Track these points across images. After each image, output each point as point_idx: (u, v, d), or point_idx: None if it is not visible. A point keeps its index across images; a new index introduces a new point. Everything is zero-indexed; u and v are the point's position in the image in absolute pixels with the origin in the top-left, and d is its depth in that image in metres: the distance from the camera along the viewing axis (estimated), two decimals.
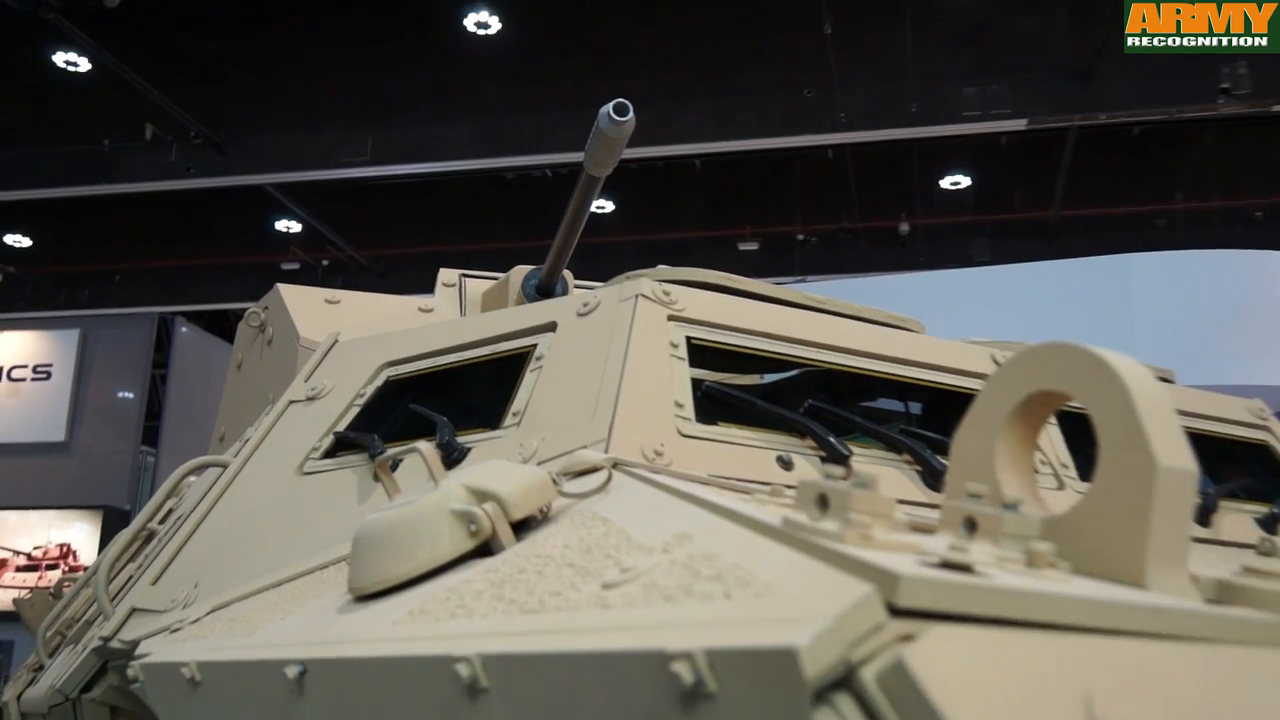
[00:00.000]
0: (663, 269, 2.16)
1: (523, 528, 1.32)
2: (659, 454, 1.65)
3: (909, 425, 2.15)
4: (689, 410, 1.78)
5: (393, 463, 1.84)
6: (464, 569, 1.25)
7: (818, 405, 1.97)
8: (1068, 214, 13.63)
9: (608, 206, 14.20)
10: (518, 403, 1.87)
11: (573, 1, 11.13)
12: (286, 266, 15.27)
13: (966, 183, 13.77)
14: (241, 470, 2.19)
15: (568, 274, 3.04)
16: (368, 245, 15.34)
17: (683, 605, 0.81)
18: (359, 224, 14.84)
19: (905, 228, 14.25)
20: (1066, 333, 0.97)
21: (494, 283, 3.24)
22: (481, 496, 1.30)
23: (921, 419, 2.33)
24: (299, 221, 14.64)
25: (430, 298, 3.49)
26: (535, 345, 1.98)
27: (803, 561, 0.79)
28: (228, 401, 3.72)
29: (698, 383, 1.86)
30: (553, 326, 1.99)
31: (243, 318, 3.49)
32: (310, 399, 2.25)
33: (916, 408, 2.38)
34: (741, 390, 1.95)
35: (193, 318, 12.59)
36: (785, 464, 1.79)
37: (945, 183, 13.76)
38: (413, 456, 1.74)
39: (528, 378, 1.92)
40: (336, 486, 1.97)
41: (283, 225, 14.96)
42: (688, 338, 1.90)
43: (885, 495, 0.84)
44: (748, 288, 2.21)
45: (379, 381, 2.19)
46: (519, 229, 12.05)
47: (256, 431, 2.30)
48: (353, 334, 2.43)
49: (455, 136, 11.93)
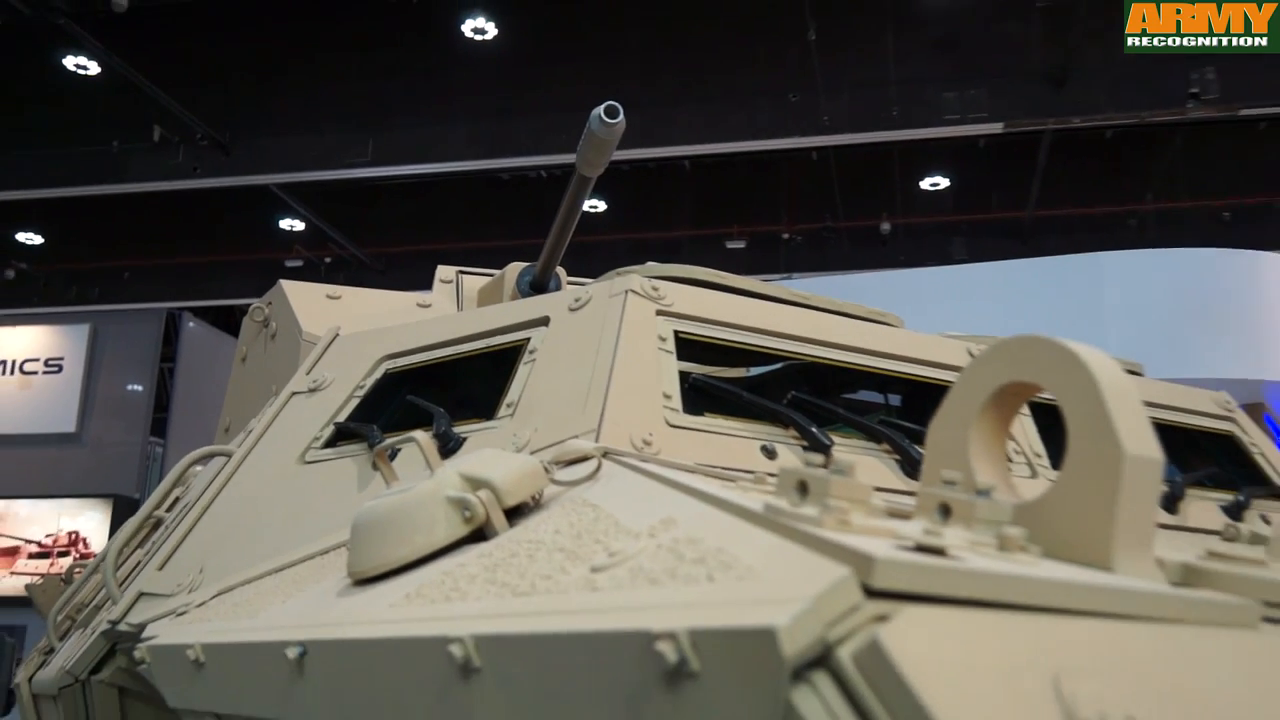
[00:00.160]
0: (652, 266, 2.15)
1: (516, 514, 1.32)
2: (647, 443, 1.65)
3: (888, 416, 2.15)
4: (676, 401, 1.78)
5: (391, 452, 1.83)
6: (459, 554, 1.24)
7: (801, 397, 1.96)
8: (1042, 214, 13.65)
9: (600, 206, 14.18)
10: (512, 394, 1.87)
11: (567, 9, 11.12)
12: (290, 264, 15.24)
13: (945, 184, 13.80)
14: (245, 459, 2.19)
15: (561, 271, 3.04)
16: (369, 243, 15.30)
17: (667, 587, 0.81)
18: (360, 223, 14.81)
19: (886, 227, 14.26)
20: (1040, 328, 0.97)
21: (490, 279, 3.23)
22: (476, 484, 1.30)
23: (900, 410, 2.34)
24: (302, 220, 14.60)
25: (428, 294, 3.49)
26: (529, 339, 1.98)
27: (783, 545, 0.79)
28: (233, 393, 3.72)
29: (685, 375, 1.86)
30: (545, 321, 1.99)
31: (247, 313, 3.48)
32: (312, 391, 2.24)
33: (895, 399, 2.38)
34: (727, 382, 1.95)
35: (200, 313, 12.54)
36: (769, 453, 1.79)
37: (925, 184, 13.78)
38: (410, 446, 1.74)
39: (521, 370, 1.91)
40: (337, 475, 1.96)
41: (286, 224, 14.92)
42: (675, 332, 1.89)
43: (862, 482, 0.84)
44: (733, 284, 2.20)
45: (378, 374, 2.18)
46: (514, 228, 12.03)
47: (260, 422, 2.29)
48: (353, 328, 2.43)
49: (453, 138, 11.91)
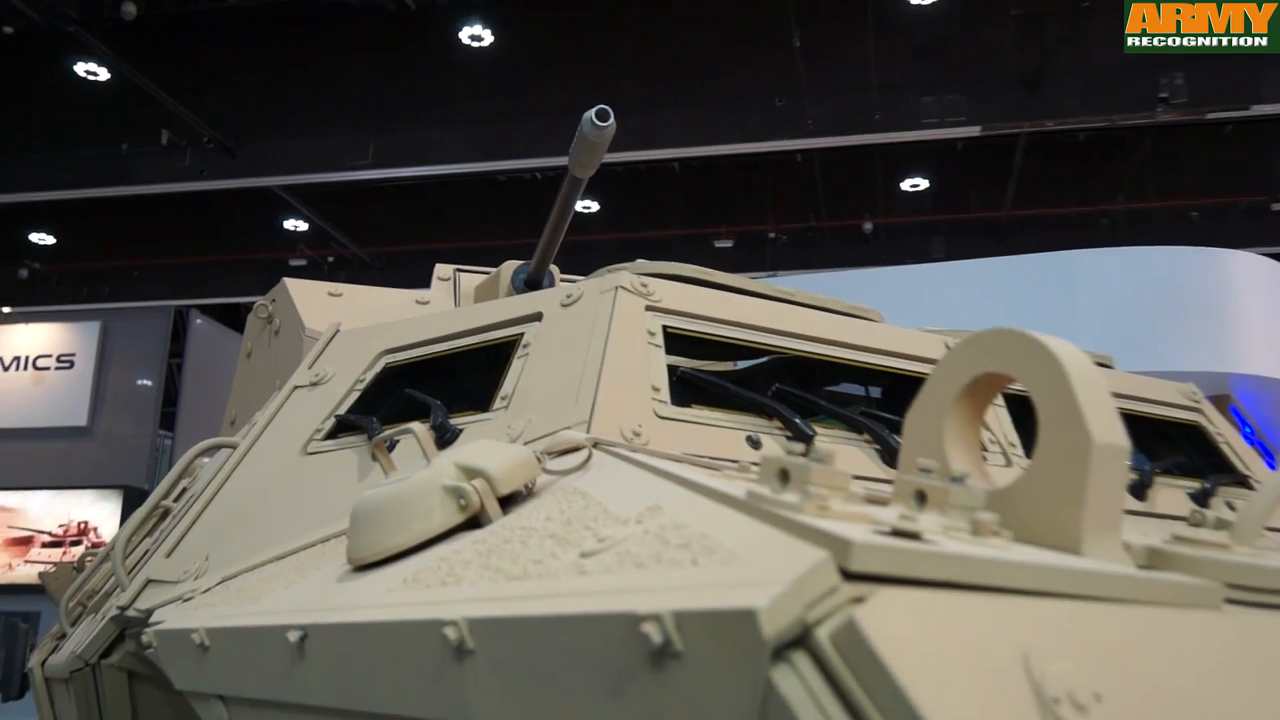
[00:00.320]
0: (641, 263, 2.15)
1: (509, 502, 1.31)
2: (637, 434, 1.65)
3: (869, 407, 2.15)
4: (665, 394, 1.77)
5: (389, 443, 1.83)
6: (454, 540, 1.24)
7: (784, 389, 1.96)
8: (1018, 214, 13.68)
9: (593, 207, 14.17)
10: (506, 387, 1.86)
11: (561, 16, 11.11)
12: (294, 263, 15.20)
13: (925, 185, 13.82)
14: (250, 451, 2.18)
15: (554, 268, 3.03)
16: (370, 243, 15.27)
17: (653, 571, 0.81)
18: (361, 223, 14.78)
19: (868, 226, 14.28)
20: (1015, 323, 0.97)
21: (486, 277, 3.22)
22: (471, 473, 1.30)
23: (880, 402, 2.33)
24: (305, 221, 14.57)
25: (427, 291, 3.47)
26: (523, 334, 1.98)
27: (764, 530, 0.79)
28: (238, 388, 3.70)
29: (673, 368, 1.85)
30: (539, 316, 1.98)
31: (252, 310, 3.47)
32: (314, 384, 2.23)
33: (876, 391, 2.37)
34: (714, 375, 1.95)
35: (207, 310, 12.52)
36: (754, 443, 1.79)
37: (905, 185, 13.80)
38: (409, 437, 1.74)
39: (515, 364, 1.91)
40: (338, 466, 1.96)
41: (290, 224, 14.89)
42: (664, 327, 1.89)
43: (841, 470, 0.84)
44: (720, 280, 2.20)
45: (378, 368, 2.18)
46: (510, 228, 12.01)
47: (264, 415, 2.28)
48: (353, 324, 2.42)
49: (451, 141, 11.89)
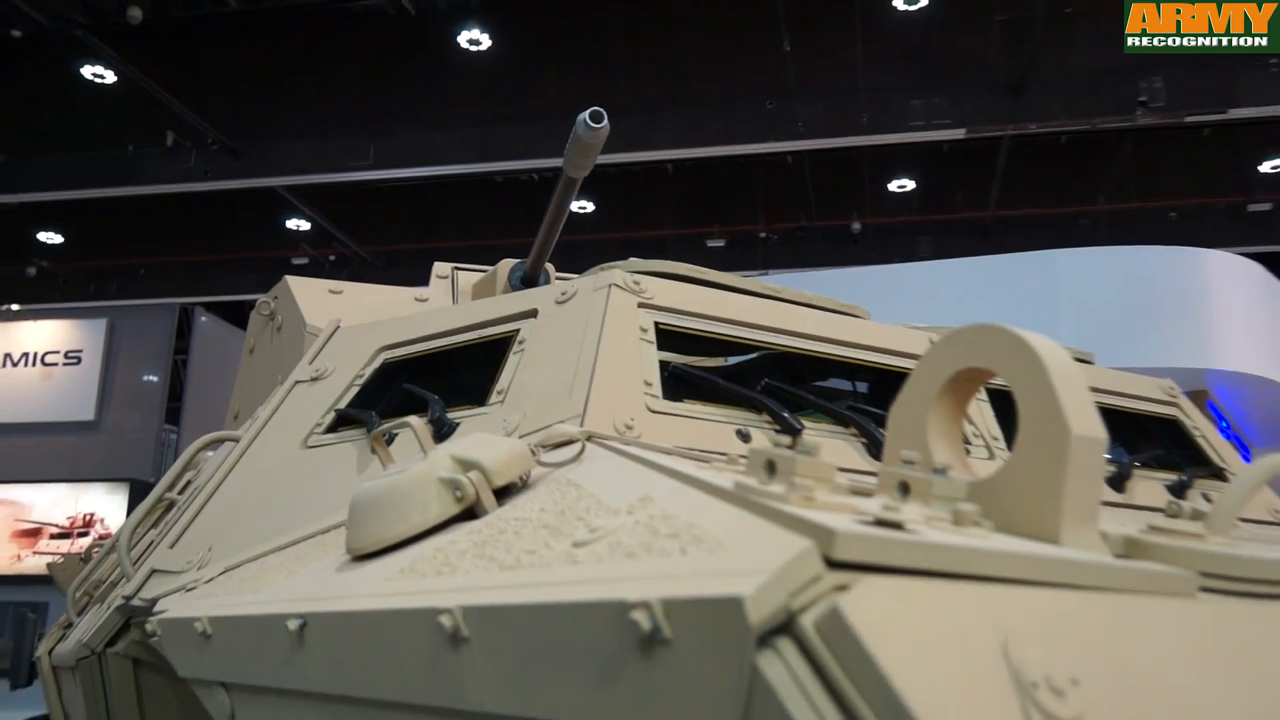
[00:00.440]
0: (634, 261, 2.15)
1: (504, 494, 1.31)
2: (629, 428, 1.65)
3: (856, 402, 2.15)
4: (657, 389, 1.77)
5: (388, 436, 1.82)
6: (450, 531, 1.24)
7: (774, 384, 1.96)
8: (1002, 214, 13.70)
9: (589, 207, 14.16)
10: (502, 382, 1.86)
11: (557, 21, 11.08)
12: (296, 261, 15.17)
13: (911, 186, 13.83)
14: (252, 444, 2.17)
15: (550, 267, 3.02)
16: (370, 242, 15.25)
17: (643, 560, 0.81)
18: (362, 223, 14.75)
19: (857, 226, 14.29)
20: (1000, 320, 0.96)
21: (483, 275, 3.22)
22: (466, 465, 1.29)
23: (867, 396, 2.33)
24: (308, 220, 14.54)
25: (426, 289, 3.46)
26: (518, 330, 1.97)
27: (751, 520, 0.78)
28: (241, 383, 3.69)
29: (665, 364, 1.85)
30: (534, 313, 1.98)
31: (255, 307, 3.46)
32: (314, 379, 2.23)
33: (863, 386, 2.37)
34: (705, 371, 1.94)
35: (211, 308, 12.45)
36: (744, 437, 1.79)
37: (892, 186, 13.81)
38: (406, 430, 1.73)
39: (511, 359, 1.90)
40: (337, 459, 1.95)
41: (293, 224, 14.86)
42: (656, 323, 1.89)
43: (826, 461, 0.84)
44: (710, 278, 2.20)
45: (376, 364, 2.17)
46: (507, 227, 11.98)
47: (266, 409, 2.28)
48: (353, 321, 2.41)
49: (450, 143, 11.88)
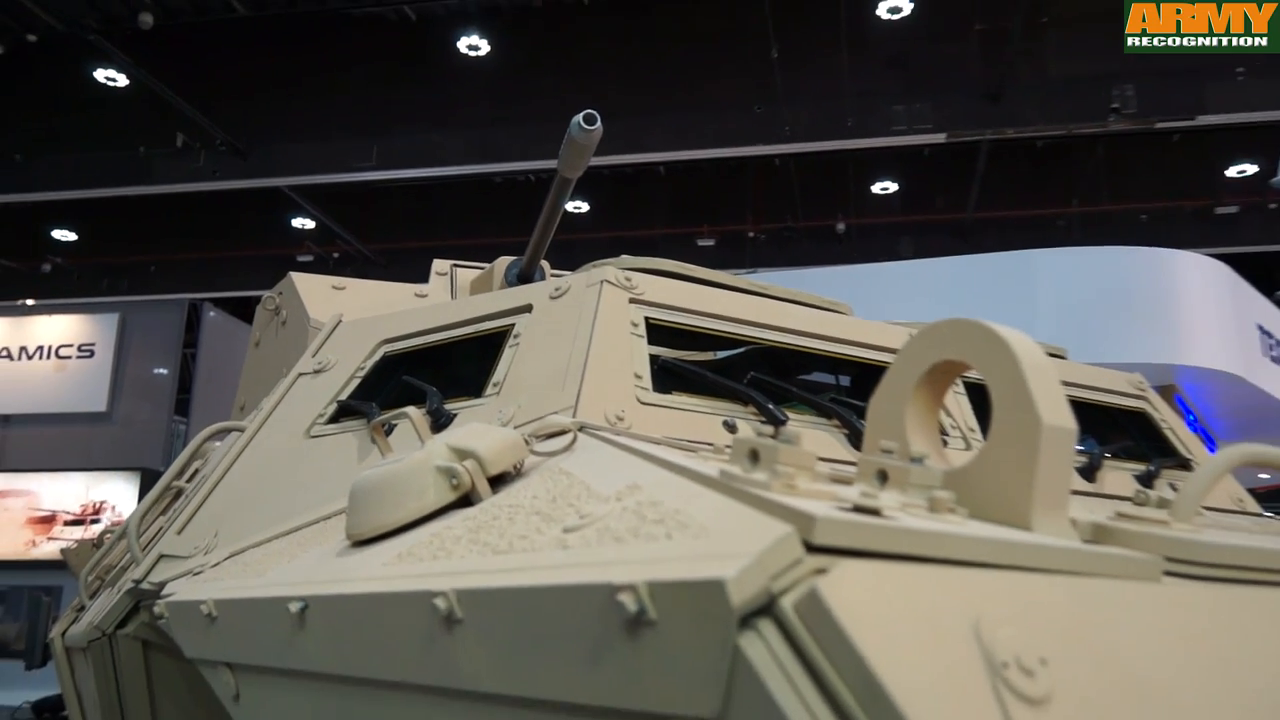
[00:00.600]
0: (625, 258, 2.14)
1: (499, 481, 1.31)
2: (620, 419, 1.64)
3: (838, 394, 2.15)
4: (647, 381, 1.77)
5: (387, 426, 1.82)
6: (446, 518, 1.23)
7: (759, 377, 1.96)
8: (980, 216, 13.72)
9: (584, 207, 14.16)
10: (498, 374, 1.85)
11: (553, 28, 11.08)
12: (301, 259, 15.15)
13: (894, 188, 13.86)
14: (256, 434, 2.16)
15: (545, 264, 3.01)
16: (373, 240, 15.23)
17: (630, 545, 0.81)
18: (365, 221, 14.73)
19: (841, 227, 14.31)
20: (978, 316, 0.96)
21: (481, 271, 3.20)
22: (462, 455, 1.29)
23: (849, 389, 2.33)
24: (312, 219, 14.52)
25: (425, 285, 3.45)
26: (514, 324, 1.96)
27: (734, 506, 0.78)
28: (247, 375, 3.68)
29: (655, 358, 1.85)
30: (529, 308, 1.97)
31: (260, 302, 3.44)
32: (317, 372, 2.22)
33: (845, 379, 2.37)
34: (693, 364, 1.94)
35: (219, 303, 12.42)
36: (730, 428, 1.78)
37: (876, 188, 13.84)
38: (405, 421, 1.73)
39: (506, 353, 1.90)
40: (339, 448, 1.95)
41: (298, 223, 14.83)
42: (646, 318, 1.88)
43: (808, 450, 0.84)
44: (699, 275, 2.19)
45: (377, 357, 2.16)
46: (505, 226, 11.97)
47: (270, 400, 2.27)
48: (355, 316, 2.40)
49: (450, 145, 11.86)
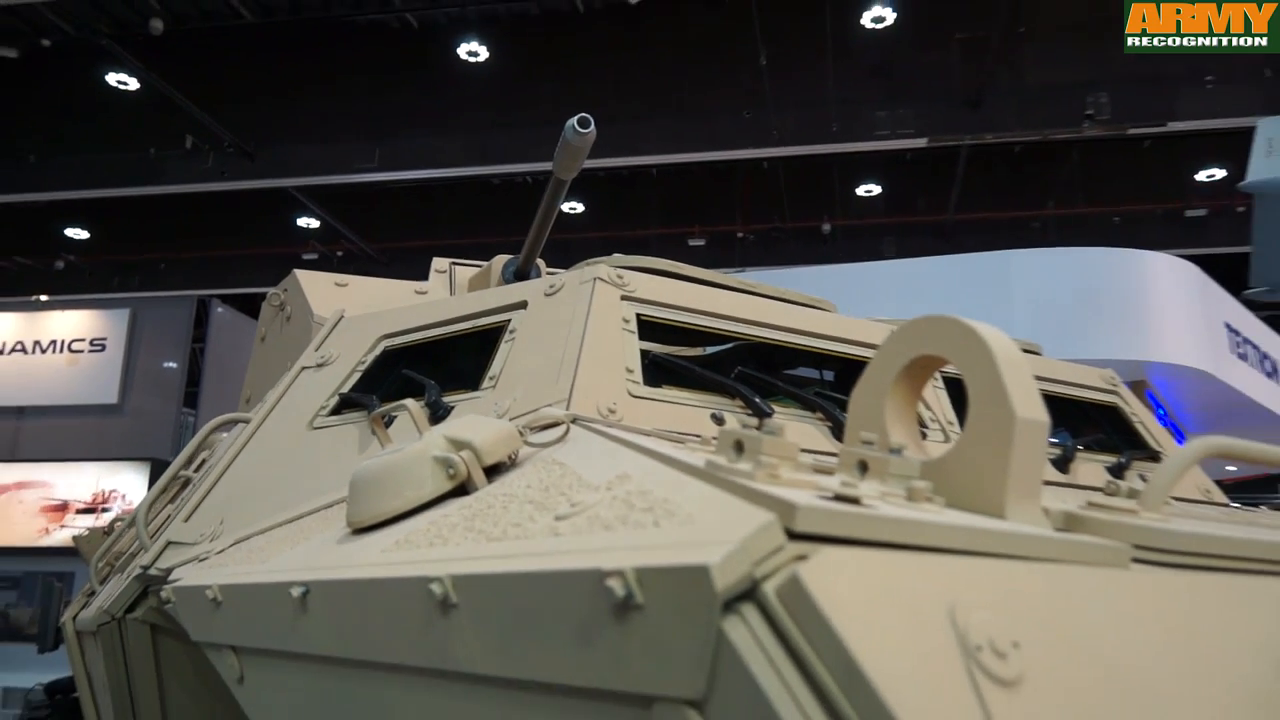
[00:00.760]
0: (617, 257, 2.14)
1: (494, 471, 1.30)
2: (612, 411, 1.64)
3: (822, 389, 2.15)
4: (638, 375, 1.76)
5: (386, 418, 1.81)
6: (443, 506, 1.23)
7: (746, 372, 1.96)
8: (960, 217, 13.74)
9: (579, 208, 14.15)
10: (494, 368, 1.85)
11: (551, 35, 11.07)
12: (306, 257, 15.12)
13: (878, 191, 13.87)
14: (261, 425, 2.16)
15: (541, 263, 3.00)
16: (375, 239, 15.20)
17: (619, 532, 0.81)
18: (368, 221, 14.71)
19: (827, 228, 14.32)
20: (958, 314, 0.96)
21: (479, 269, 3.19)
22: (459, 445, 1.28)
23: (833, 384, 2.33)
24: (317, 219, 14.48)
25: (425, 282, 3.44)
26: (510, 320, 1.96)
27: (719, 495, 0.78)
28: (253, 369, 3.66)
29: (645, 352, 1.84)
30: (524, 304, 1.97)
31: (266, 298, 3.43)
32: (320, 365, 2.21)
33: (829, 374, 2.37)
34: (683, 359, 1.94)
35: (227, 300, 12.39)
36: (718, 420, 1.78)
37: (860, 190, 13.85)
38: (404, 413, 1.72)
39: (502, 347, 1.89)
40: (340, 439, 1.94)
41: (303, 222, 14.79)
42: (637, 314, 1.88)
43: (791, 441, 0.84)
44: (688, 273, 2.19)
45: (378, 351, 2.16)
46: (503, 226, 11.94)
47: (275, 393, 2.26)
48: (357, 311, 2.40)
49: (449, 147, 11.84)
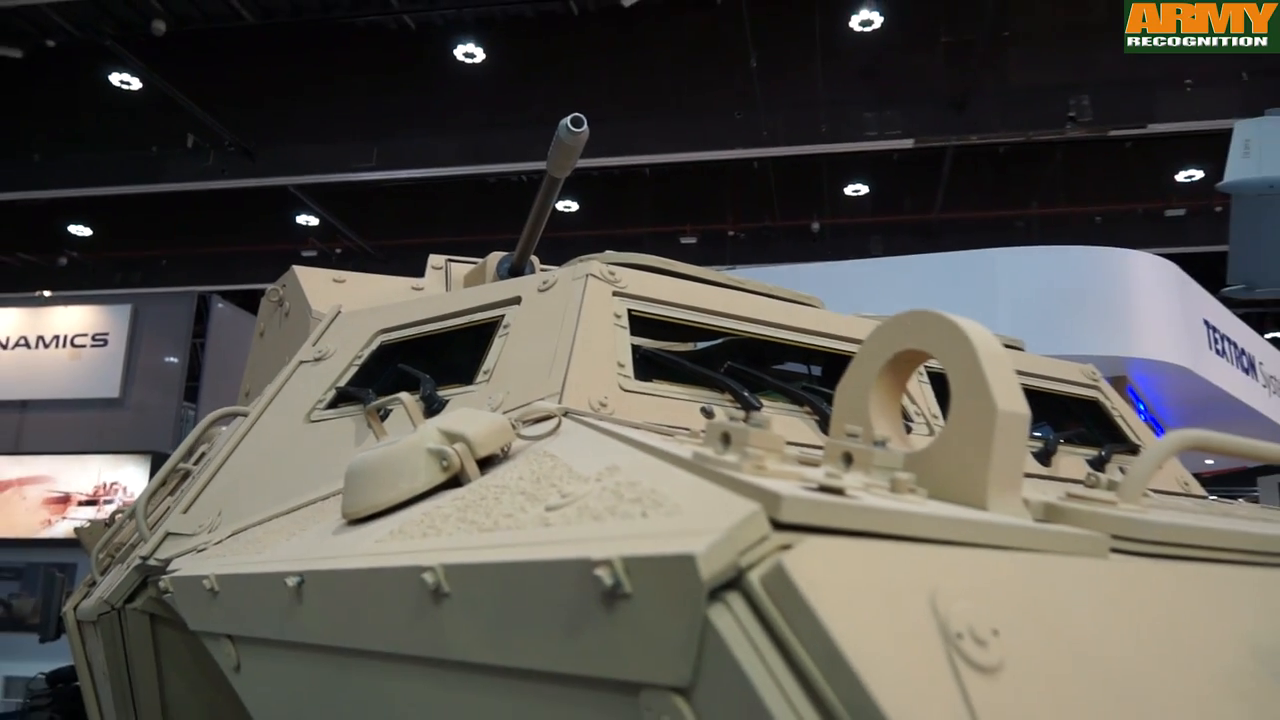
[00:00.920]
0: (609, 254, 2.13)
1: (487, 463, 1.30)
2: (603, 405, 1.64)
3: (810, 383, 2.14)
4: (629, 370, 1.76)
5: (382, 411, 1.81)
6: (437, 497, 1.23)
7: (736, 366, 1.95)
8: (946, 217, 13.76)
9: (573, 206, 14.12)
10: (488, 362, 1.84)
11: (545, 37, 11.04)
12: (305, 254, 15.07)
13: (865, 190, 13.87)
14: (259, 419, 2.15)
15: (535, 259, 2.99)
16: (373, 237, 15.15)
17: (608, 523, 0.81)
18: (366, 219, 14.67)
19: (816, 226, 14.32)
20: (943, 311, 0.96)
21: (474, 266, 3.19)
22: (452, 438, 1.28)
23: (821, 378, 2.33)
24: (316, 217, 14.44)
25: (422, 279, 3.43)
26: (503, 315, 1.95)
27: (706, 486, 0.78)
28: (252, 363, 3.65)
29: (637, 347, 1.84)
30: (518, 300, 1.96)
31: (265, 294, 3.42)
32: (317, 360, 2.20)
33: (817, 369, 2.37)
34: (673, 354, 1.94)
35: (227, 296, 12.35)
36: (708, 414, 1.77)
37: (848, 190, 13.84)
38: (399, 406, 1.72)
39: (496, 342, 1.89)
40: (337, 432, 1.94)
41: (302, 220, 14.74)
42: (629, 310, 1.88)
43: (777, 434, 0.84)
44: (679, 269, 2.19)
45: (374, 346, 2.15)
46: (498, 224, 11.91)
47: (273, 387, 2.25)
48: (354, 307, 2.39)
49: (446, 147, 11.81)
